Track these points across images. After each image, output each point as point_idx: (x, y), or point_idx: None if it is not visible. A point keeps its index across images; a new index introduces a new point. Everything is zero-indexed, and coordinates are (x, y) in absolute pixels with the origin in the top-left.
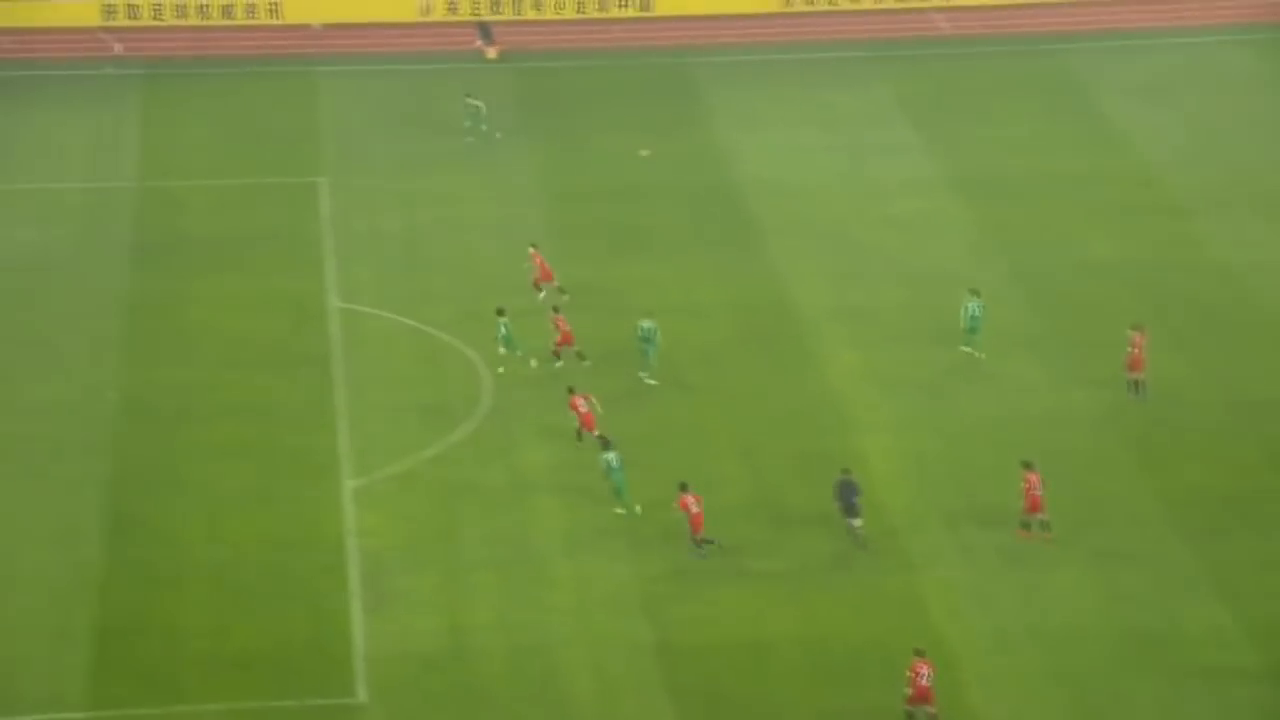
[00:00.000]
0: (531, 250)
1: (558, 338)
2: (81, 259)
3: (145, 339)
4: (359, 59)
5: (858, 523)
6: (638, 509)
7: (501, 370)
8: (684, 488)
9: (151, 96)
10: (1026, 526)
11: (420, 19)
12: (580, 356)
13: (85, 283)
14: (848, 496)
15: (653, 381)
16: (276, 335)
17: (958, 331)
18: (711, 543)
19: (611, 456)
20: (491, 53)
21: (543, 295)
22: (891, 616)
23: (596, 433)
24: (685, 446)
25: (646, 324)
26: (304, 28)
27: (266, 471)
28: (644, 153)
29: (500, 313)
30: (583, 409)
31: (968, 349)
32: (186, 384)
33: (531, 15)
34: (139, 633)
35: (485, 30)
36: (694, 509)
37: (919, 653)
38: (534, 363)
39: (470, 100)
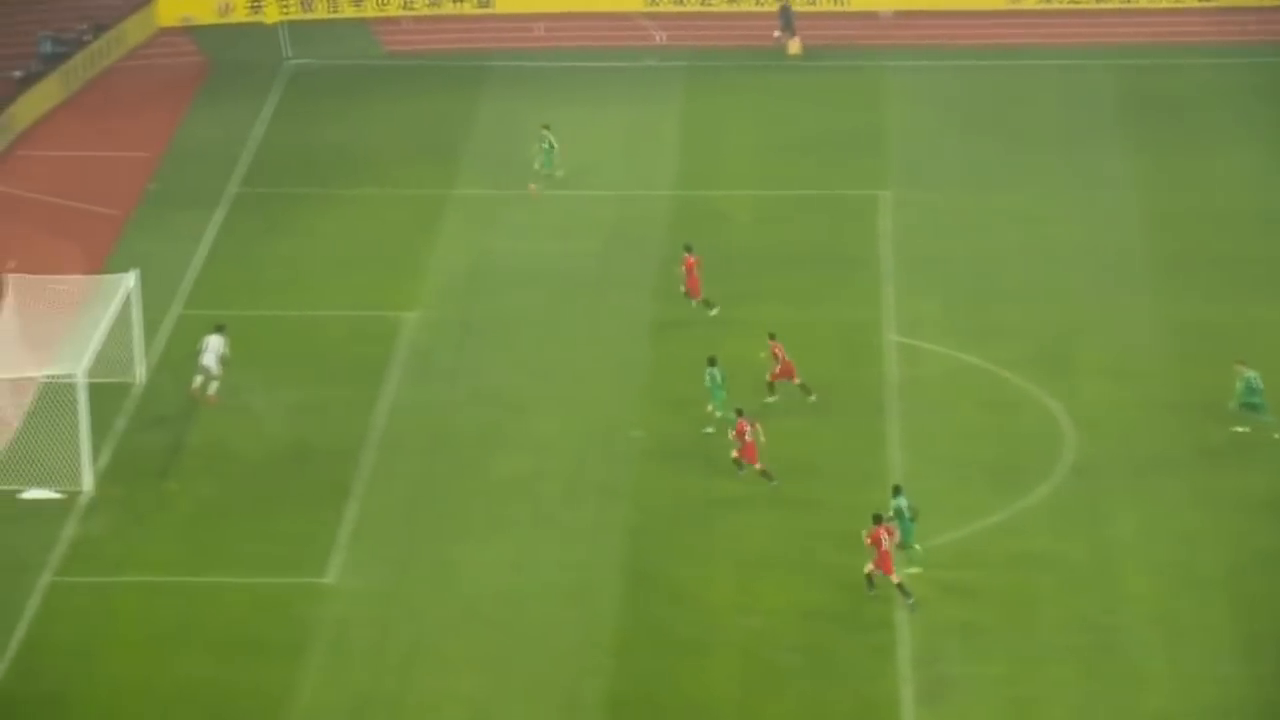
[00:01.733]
0: (686, 254)
1: (776, 368)
2: (608, 276)
3: (674, 370)
4: (933, 53)
5: None
6: (913, 569)
7: (711, 430)
8: (878, 519)
9: (694, 92)
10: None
11: (1008, 6)
12: (805, 390)
13: (611, 303)
14: None
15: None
16: (822, 373)
17: None
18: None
19: (902, 502)
20: (794, 46)
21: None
22: None
23: (760, 465)
24: None
25: (1250, 374)
26: (871, 15)
27: (808, 531)
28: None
29: (712, 362)
30: (748, 437)
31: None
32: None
33: (1143, 3)
34: (657, 708)
35: (787, 17)
36: (885, 544)
37: None
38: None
39: (546, 133)
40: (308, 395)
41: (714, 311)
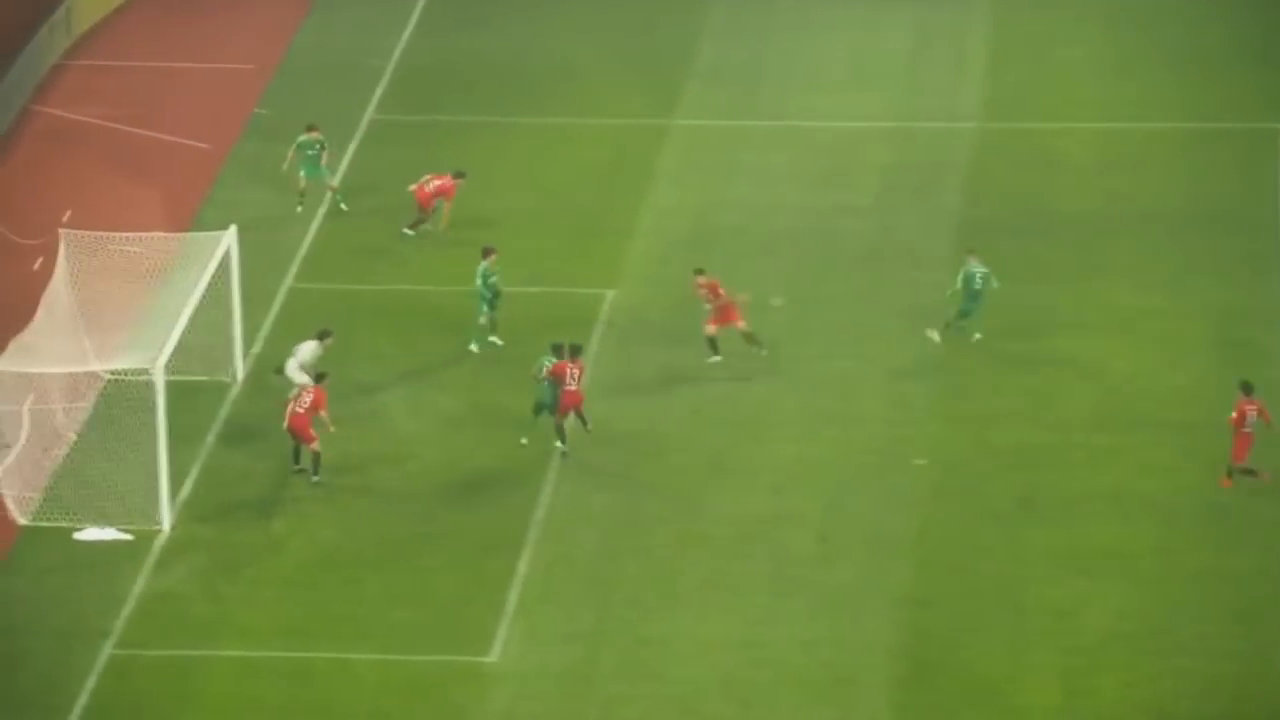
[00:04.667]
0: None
1: (715, 316)
2: (884, 242)
3: (976, 374)
4: None
5: None
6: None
7: (474, 348)
8: (576, 352)
9: None
10: (1229, 474)
11: None
12: (752, 341)
13: (887, 280)
14: None
15: None
16: (1196, 381)
17: None
18: None
19: (546, 361)
20: None
21: (416, 229)
22: None
23: (316, 451)
24: None
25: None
26: None
27: (1160, 599)
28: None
29: (486, 253)
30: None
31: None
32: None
33: None
34: None
35: None
36: (573, 382)
37: None
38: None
39: (312, 136)
40: (467, 402)
41: (409, 232)
